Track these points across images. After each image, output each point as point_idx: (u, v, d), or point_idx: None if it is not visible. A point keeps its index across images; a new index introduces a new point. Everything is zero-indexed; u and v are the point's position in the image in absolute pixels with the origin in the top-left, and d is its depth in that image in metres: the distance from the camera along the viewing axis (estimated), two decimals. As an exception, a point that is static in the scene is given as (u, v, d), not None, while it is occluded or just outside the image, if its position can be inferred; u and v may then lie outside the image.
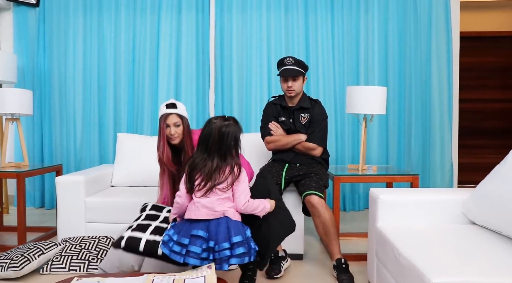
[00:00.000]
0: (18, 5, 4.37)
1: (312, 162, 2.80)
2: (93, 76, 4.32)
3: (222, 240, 1.81)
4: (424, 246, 1.81)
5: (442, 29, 4.26)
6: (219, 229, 1.83)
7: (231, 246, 1.80)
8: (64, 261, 2.61)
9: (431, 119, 4.29)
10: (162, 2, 4.28)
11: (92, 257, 2.65)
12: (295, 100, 2.83)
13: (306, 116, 2.80)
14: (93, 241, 2.81)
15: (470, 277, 1.48)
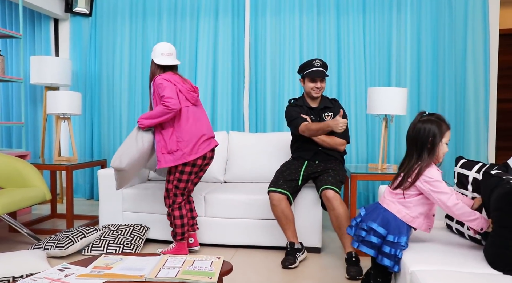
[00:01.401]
0: (74, 16, 4.84)
1: (330, 158, 2.92)
2: (137, 79, 4.69)
3: (366, 220, 1.87)
4: (414, 239, 1.90)
5: (479, 26, 4.17)
6: (372, 212, 1.89)
7: (368, 230, 1.83)
8: (103, 245, 2.93)
9: (466, 119, 4.22)
10: (200, 8, 4.56)
11: (126, 242, 2.95)
12: (317, 100, 2.98)
13: (330, 115, 2.96)
14: (128, 228, 3.11)
15: (443, 266, 1.57)
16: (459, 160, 2.11)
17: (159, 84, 2.65)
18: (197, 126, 2.71)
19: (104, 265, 1.88)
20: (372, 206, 1.93)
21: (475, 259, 1.67)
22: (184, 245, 2.86)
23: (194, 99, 2.77)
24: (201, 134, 2.72)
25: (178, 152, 2.65)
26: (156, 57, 2.77)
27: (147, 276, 1.75)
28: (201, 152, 2.69)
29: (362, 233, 1.85)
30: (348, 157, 4.37)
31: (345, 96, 4.37)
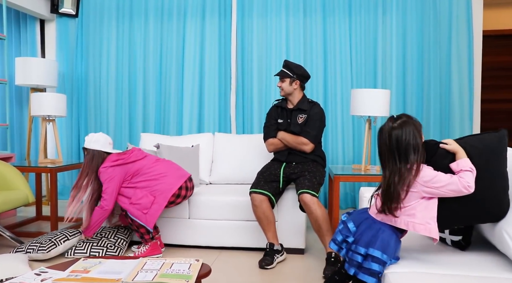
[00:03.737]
0: (60, 17, 4.81)
1: (307, 160, 2.93)
2: (124, 80, 4.68)
3: (362, 243, 1.68)
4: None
5: (463, 28, 4.22)
6: (366, 230, 1.71)
7: (365, 256, 1.66)
8: (86, 247, 2.93)
9: (451, 120, 4.26)
10: (187, 9, 4.56)
11: (110, 244, 2.95)
12: (294, 101, 2.98)
13: (303, 117, 2.95)
14: (112, 230, 3.11)
15: (416, 268, 1.60)
16: None
17: (103, 179, 2.84)
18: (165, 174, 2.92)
19: (82, 269, 1.88)
20: (361, 218, 1.76)
21: (450, 261, 1.70)
22: (157, 244, 2.91)
23: (142, 155, 2.97)
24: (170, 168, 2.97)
25: (154, 204, 2.82)
26: (104, 145, 2.92)
27: (124, 279, 1.76)
28: (178, 183, 2.90)
29: (358, 258, 1.67)
30: (335, 158, 4.39)
31: (331, 97, 4.40)
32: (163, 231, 3.12)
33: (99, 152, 2.90)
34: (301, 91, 3.00)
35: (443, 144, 1.68)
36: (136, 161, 2.91)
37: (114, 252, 2.91)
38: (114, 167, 2.84)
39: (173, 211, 3.13)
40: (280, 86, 2.94)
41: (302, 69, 2.95)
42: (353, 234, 1.73)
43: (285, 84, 2.93)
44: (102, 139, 2.93)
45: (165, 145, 3.44)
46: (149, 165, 2.93)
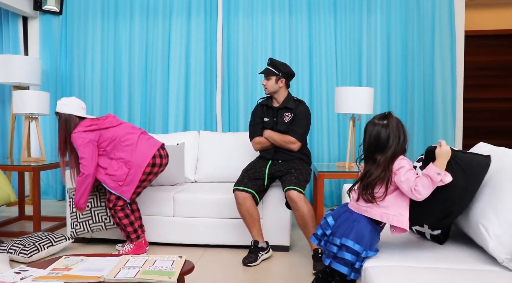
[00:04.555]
0: (44, 14, 4.75)
1: (293, 158, 2.94)
2: (109, 78, 4.65)
3: (338, 235, 1.72)
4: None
5: (446, 28, 4.28)
6: (343, 223, 1.75)
7: (340, 246, 1.70)
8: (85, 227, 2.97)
9: (434, 118, 4.32)
10: (173, 7, 4.55)
11: (102, 214, 2.99)
12: (280, 100, 2.99)
13: (290, 115, 2.95)
14: (92, 197, 3.03)
15: (395, 262, 1.62)
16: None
17: (77, 144, 2.77)
18: (138, 144, 2.84)
19: (63, 267, 1.87)
20: (340, 212, 1.80)
21: (429, 255, 1.72)
22: (141, 243, 2.89)
23: (117, 122, 2.89)
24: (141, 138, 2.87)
25: (129, 176, 2.78)
26: (77, 110, 2.87)
27: (106, 276, 1.75)
28: (150, 153, 2.82)
29: (333, 249, 1.70)
30: (320, 156, 4.42)
31: (317, 95, 4.42)
32: (147, 229, 3.11)
33: (71, 116, 2.84)
34: (286, 89, 3.00)
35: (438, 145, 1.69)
36: (110, 127, 2.83)
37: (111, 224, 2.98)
38: (87, 132, 2.77)
39: (158, 209, 3.12)
40: (265, 84, 2.93)
41: (287, 67, 2.96)
42: (331, 227, 1.77)
43: (270, 82, 2.92)
44: (75, 103, 2.87)
45: (150, 143, 3.42)
46: (122, 135, 2.83)
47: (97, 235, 3.17)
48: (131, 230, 2.85)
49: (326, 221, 1.81)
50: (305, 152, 3.00)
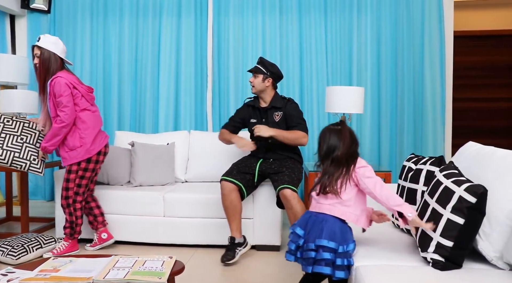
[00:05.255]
0: (31, 12, 4.69)
1: (285, 157, 2.95)
2: (99, 77, 4.60)
3: (311, 239, 1.73)
4: (362, 236, 1.95)
5: (435, 29, 4.31)
6: (312, 228, 1.77)
7: (317, 249, 1.71)
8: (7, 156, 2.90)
9: (423, 118, 4.35)
10: (163, 7, 4.52)
11: (32, 153, 2.94)
12: (267, 100, 2.98)
13: (280, 114, 2.94)
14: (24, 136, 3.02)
15: (385, 261, 1.63)
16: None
17: (61, 91, 2.72)
18: (96, 123, 2.88)
19: (51, 268, 1.84)
20: (306, 219, 1.83)
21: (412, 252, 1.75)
22: (76, 241, 2.95)
23: (92, 100, 2.90)
24: (99, 128, 2.91)
25: (82, 147, 2.80)
26: (62, 52, 2.81)
27: (95, 278, 1.73)
28: (102, 144, 2.87)
29: (311, 254, 1.71)
30: (311, 155, 4.43)
31: (308, 95, 4.43)
32: (137, 230, 3.09)
33: (56, 56, 2.77)
34: (273, 89, 2.99)
35: None
36: (83, 97, 2.82)
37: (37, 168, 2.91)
38: (69, 88, 2.73)
39: (148, 209, 3.09)
40: (252, 82, 2.93)
41: (276, 67, 2.95)
42: (303, 237, 1.79)
43: (257, 80, 2.92)
44: (61, 44, 2.82)
45: (139, 143, 3.40)
46: (90, 114, 2.84)
47: (84, 236, 3.14)
48: (78, 230, 2.92)
49: (295, 233, 1.82)
50: (296, 151, 3.00)
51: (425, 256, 1.60)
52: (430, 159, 2.01)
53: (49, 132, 2.78)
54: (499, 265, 1.57)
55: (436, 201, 1.66)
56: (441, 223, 1.58)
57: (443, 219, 1.58)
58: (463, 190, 1.56)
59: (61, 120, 2.72)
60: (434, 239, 1.58)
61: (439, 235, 1.57)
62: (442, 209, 1.60)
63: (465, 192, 1.55)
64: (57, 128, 2.73)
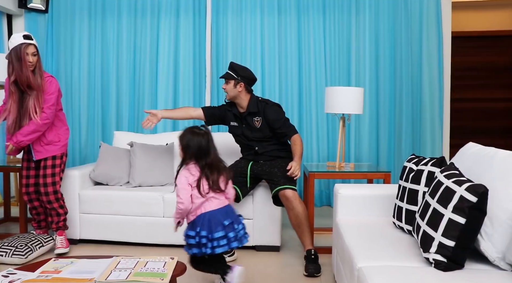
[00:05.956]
0: (29, 12, 4.67)
1: (274, 157, 2.94)
2: (97, 77, 4.59)
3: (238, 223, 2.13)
4: (364, 237, 1.96)
5: (433, 29, 4.33)
6: (232, 215, 2.13)
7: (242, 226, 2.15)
8: None
9: (422, 119, 4.36)
10: (161, 6, 4.51)
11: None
12: (243, 105, 2.93)
13: (259, 120, 2.91)
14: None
15: (387, 262, 1.63)
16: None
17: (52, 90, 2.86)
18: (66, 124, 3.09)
19: (53, 269, 1.84)
20: (226, 212, 2.12)
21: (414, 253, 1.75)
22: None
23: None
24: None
25: (60, 142, 2.98)
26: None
27: (97, 279, 1.72)
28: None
29: (242, 233, 2.14)
30: (310, 155, 4.43)
31: (306, 95, 4.43)
32: (136, 230, 3.08)
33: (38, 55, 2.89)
34: (247, 93, 2.93)
35: None
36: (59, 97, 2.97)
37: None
38: (58, 86, 2.90)
39: (147, 210, 3.08)
40: (225, 89, 2.89)
41: (247, 71, 2.91)
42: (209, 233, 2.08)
43: (229, 86, 2.87)
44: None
45: (138, 143, 3.40)
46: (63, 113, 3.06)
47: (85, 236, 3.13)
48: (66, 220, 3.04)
49: (200, 235, 2.07)
50: (285, 149, 2.97)
51: (428, 257, 1.61)
52: (431, 160, 2.01)
53: (28, 127, 2.81)
54: (502, 265, 1.57)
55: (437, 201, 1.66)
56: (443, 223, 1.59)
57: (445, 219, 1.59)
58: (464, 189, 1.57)
59: (47, 117, 2.84)
60: (436, 239, 1.59)
61: (441, 235, 1.57)
62: (444, 209, 1.60)
63: (466, 191, 1.56)
64: (41, 124, 2.82)
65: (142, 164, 3.32)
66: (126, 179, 3.38)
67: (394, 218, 2.12)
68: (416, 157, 2.18)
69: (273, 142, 2.94)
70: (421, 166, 2.04)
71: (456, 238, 1.55)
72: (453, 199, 1.58)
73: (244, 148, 3.04)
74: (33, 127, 2.79)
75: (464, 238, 1.55)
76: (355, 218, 2.33)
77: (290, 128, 2.88)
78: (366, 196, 2.38)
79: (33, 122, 2.80)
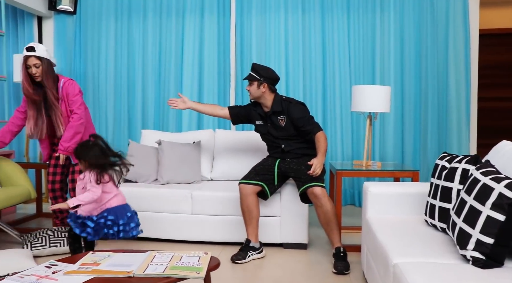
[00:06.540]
0: (58, 14, 4.79)
1: (301, 155, 2.95)
2: (123, 76, 4.68)
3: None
4: (397, 234, 1.96)
5: (460, 27, 4.28)
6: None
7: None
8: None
9: (448, 117, 4.31)
10: (186, 6, 4.57)
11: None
12: (268, 104, 2.96)
13: (283, 118, 2.93)
14: None
15: (423, 258, 1.63)
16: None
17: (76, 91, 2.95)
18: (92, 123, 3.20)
19: (91, 262, 1.89)
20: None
21: (448, 250, 1.75)
22: None
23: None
24: None
25: None
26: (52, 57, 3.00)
27: (135, 271, 1.77)
28: None
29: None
30: (334, 154, 4.43)
31: (330, 94, 4.43)
32: (165, 227, 3.14)
33: (52, 63, 2.94)
34: (271, 93, 2.95)
35: None
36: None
37: None
38: (79, 87, 3.00)
39: (176, 207, 3.14)
40: (249, 90, 2.93)
41: (269, 71, 2.92)
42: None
43: (253, 87, 2.90)
44: (49, 52, 3.01)
45: (166, 141, 3.45)
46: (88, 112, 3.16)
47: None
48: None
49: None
50: (309, 146, 2.97)
51: (465, 254, 1.60)
52: (465, 157, 2.00)
53: (67, 132, 2.88)
54: (541, 263, 1.56)
55: (474, 198, 1.65)
56: (480, 220, 1.58)
57: (482, 216, 1.58)
58: (503, 186, 1.55)
59: (80, 116, 2.92)
60: (474, 236, 1.58)
61: (479, 232, 1.57)
62: (481, 206, 1.59)
63: (505, 188, 1.54)
64: (77, 125, 2.91)
65: (170, 161, 3.37)
66: (155, 177, 3.44)
67: (426, 216, 2.11)
68: (448, 155, 2.16)
69: (299, 140, 2.96)
70: (454, 163, 2.02)
71: (494, 235, 1.54)
72: (491, 196, 1.57)
73: (271, 146, 3.07)
74: (72, 130, 2.88)
75: (503, 236, 1.54)
76: (386, 216, 2.33)
77: (314, 125, 2.89)
78: (396, 194, 2.37)
79: (69, 126, 2.88)
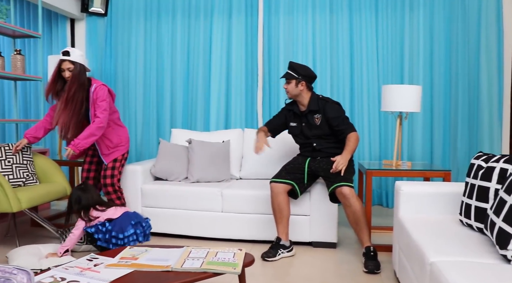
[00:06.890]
0: (90, 16, 4.92)
1: (332, 154, 2.95)
2: (152, 77, 4.77)
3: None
4: (432, 233, 1.95)
5: (493, 23, 4.18)
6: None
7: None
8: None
9: (479, 116, 4.23)
10: (214, 7, 4.63)
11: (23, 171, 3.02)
12: (304, 103, 2.97)
13: (319, 117, 2.94)
14: None
15: (460, 257, 1.62)
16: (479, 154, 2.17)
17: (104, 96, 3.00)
18: (123, 125, 3.29)
19: (130, 256, 1.95)
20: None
21: (486, 250, 1.73)
22: None
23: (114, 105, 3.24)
24: None
25: (123, 143, 3.18)
26: (86, 63, 3.08)
27: (173, 266, 1.82)
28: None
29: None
30: (361, 154, 4.41)
31: (358, 94, 4.41)
32: (196, 225, 3.19)
33: (85, 68, 3.01)
34: (308, 91, 2.96)
35: None
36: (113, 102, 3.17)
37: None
38: (107, 93, 3.03)
39: (207, 205, 3.19)
40: (286, 88, 2.93)
41: (307, 69, 2.93)
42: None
43: (291, 86, 2.91)
44: (84, 57, 3.08)
45: (197, 140, 3.51)
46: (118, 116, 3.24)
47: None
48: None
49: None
50: (340, 146, 2.97)
51: (505, 254, 1.58)
52: (503, 157, 1.97)
53: (84, 132, 2.94)
54: None
55: (514, 198, 1.63)
56: (521, 221, 1.56)
57: (523, 217, 1.56)
58: (545, 187, 1.53)
59: (101, 121, 2.96)
60: (514, 236, 1.56)
61: (520, 233, 1.55)
62: (522, 206, 1.57)
63: (547, 189, 1.52)
64: (95, 127, 2.94)
65: (200, 160, 3.43)
66: (185, 175, 3.50)
67: (462, 216, 2.09)
68: (485, 155, 2.13)
69: (331, 139, 2.96)
70: (491, 163, 2.00)
71: (536, 235, 1.52)
72: (532, 196, 1.55)
73: (303, 144, 3.08)
74: (88, 131, 2.94)
75: (545, 235, 1.52)
76: (418, 215, 2.31)
77: (348, 126, 2.89)
78: (428, 194, 2.35)
79: (88, 127, 2.95)
